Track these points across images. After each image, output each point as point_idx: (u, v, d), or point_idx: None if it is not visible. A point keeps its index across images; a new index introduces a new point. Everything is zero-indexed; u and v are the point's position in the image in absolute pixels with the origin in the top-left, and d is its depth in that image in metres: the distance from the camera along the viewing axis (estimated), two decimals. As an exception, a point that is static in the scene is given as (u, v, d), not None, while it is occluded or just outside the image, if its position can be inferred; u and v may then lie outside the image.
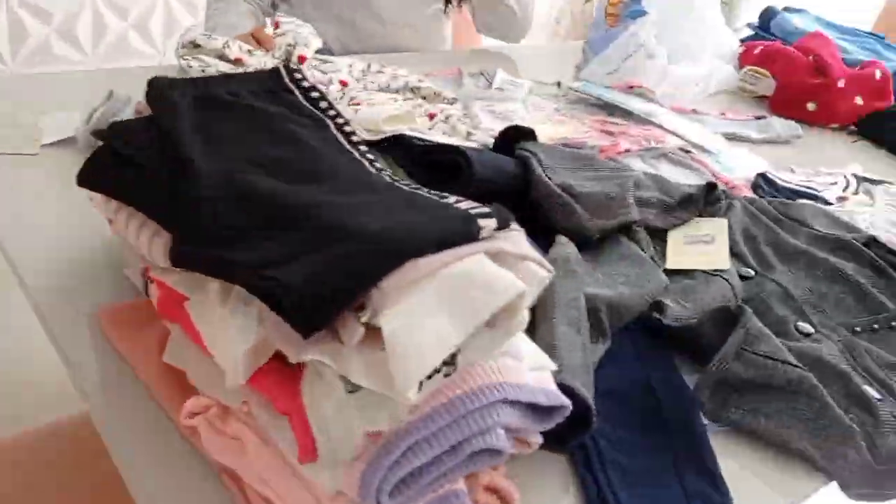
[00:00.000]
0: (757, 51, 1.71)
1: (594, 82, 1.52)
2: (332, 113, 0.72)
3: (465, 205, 0.57)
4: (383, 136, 1.00)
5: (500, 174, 0.98)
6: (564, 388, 0.66)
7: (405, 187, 0.63)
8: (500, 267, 0.54)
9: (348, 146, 0.69)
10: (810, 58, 1.62)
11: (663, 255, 1.01)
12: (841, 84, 1.58)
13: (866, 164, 1.51)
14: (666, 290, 0.91)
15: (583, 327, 0.76)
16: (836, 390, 0.82)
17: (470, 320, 0.50)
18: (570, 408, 0.63)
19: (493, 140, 1.09)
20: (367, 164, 0.67)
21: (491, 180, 0.96)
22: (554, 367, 0.66)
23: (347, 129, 0.70)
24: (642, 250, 0.97)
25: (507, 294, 0.51)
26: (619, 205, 0.97)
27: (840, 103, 1.59)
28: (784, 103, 1.62)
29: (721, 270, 0.97)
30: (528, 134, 1.08)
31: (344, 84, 1.24)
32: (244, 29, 1.41)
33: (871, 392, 0.83)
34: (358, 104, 1.06)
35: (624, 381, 0.77)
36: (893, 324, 0.93)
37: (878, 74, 1.62)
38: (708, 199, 1.08)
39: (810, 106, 1.60)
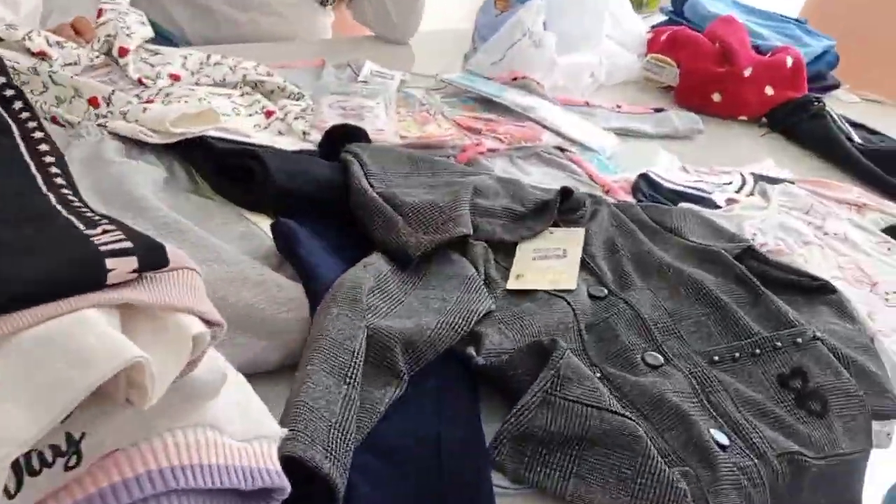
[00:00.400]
0: (663, 37, 1.58)
1: (478, 73, 1.39)
2: (24, 115, 0.58)
3: (107, 238, 0.44)
4: (179, 137, 0.86)
5: (308, 182, 0.85)
6: (294, 462, 0.53)
7: (63, 212, 0.49)
8: (130, 324, 0.41)
9: (28, 157, 0.55)
10: (716, 44, 1.49)
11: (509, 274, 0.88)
12: (748, 73, 1.46)
13: (778, 159, 1.39)
14: (490, 318, 0.78)
15: (353, 375, 0.62)
16: (674, 437, 0.70)
17: (51, 405, 0.37)
18: (288, 489, 0.50)
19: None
20: (40, 180, 0.53)
21: (297, 188, 0.83)
22: (281, 433, 0.53)
23: (37, 135, 0.57)
24: (477, 269, 0.84)
25: (107, 367, 0.37)
26: (449, 217, 0.84)
27: (748, 93, 1.47)
28: (688, 94, 1.50)
29: (566, 291, 0.84)
30: (357, 134, 0.94)
31: (175, 78, 1.10)
32: (83, 11, 1.26)
33: (719, 437, 0.70)
34: (151, 102, 0.92)
35: (408, 437, 0.64)
36: (757, 351, 0.80)
37: (789, 62, 1.50)
38: (565, 207, 0.95)
39: (715, 96, 1.47)
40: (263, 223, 0.80)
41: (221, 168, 0.85)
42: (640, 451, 0.64)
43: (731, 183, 1.20)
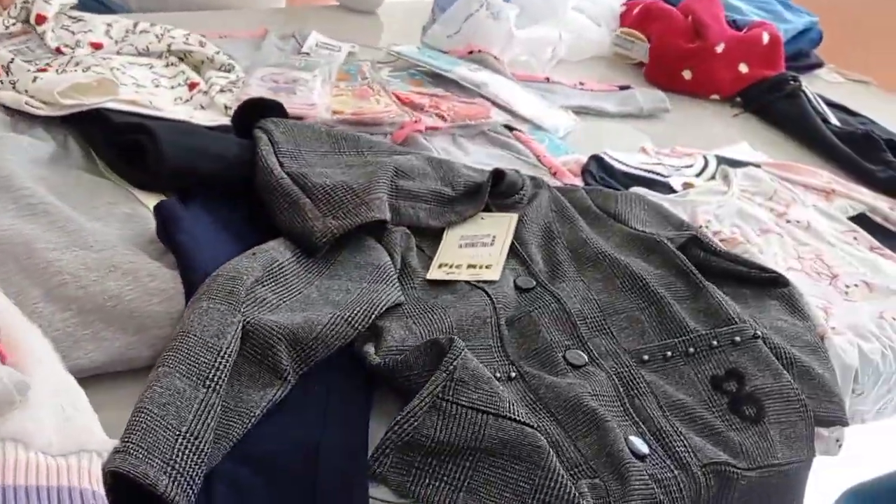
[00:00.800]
0: (636, 10, 1.50)
1: (434, 46, 1.31)
2: None
3: None
4: (71, 110, 0.80)
5: (212, 160, 0.78)
6: (123, 477, 0.46)
7: None
8: None
9: None
10: (689, 18, 1.41)
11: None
12: (720, 49, 1.38)
13: (752, 142, 1.32)
14: (397, 312, 0.71)
15: (215, 378, 0.56)
16: (588, 444, 0.64)
17: None
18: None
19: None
20: None
21: (194, 167, 0.76)
22: (110, 445, 0.47)
23: None
24: (393, 257, 0.77)
25: None
26: (362, 200, 0.77)
27: (720, 70, 1.39)
28: (658, 71, 1.42)
29: (488, 282, 0.78)
30: (273, 108, 0.87)
31: (97, 46, 1.04)
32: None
33: (637, 445, 0.64)
34: (44, 71, 0.85)
35: (284, 444, 0.58)
36: (692, 350, 0.74)
37: (765, 38, 1.42)
38: (500, 190, 0.88)
39: (686, 74, 1.40)
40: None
41: (117, 144, 0.78)
42: (541, 463, 0.58)
43: (691, 166, 1.13)
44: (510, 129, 1.10)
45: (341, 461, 0.56)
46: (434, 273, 0.79)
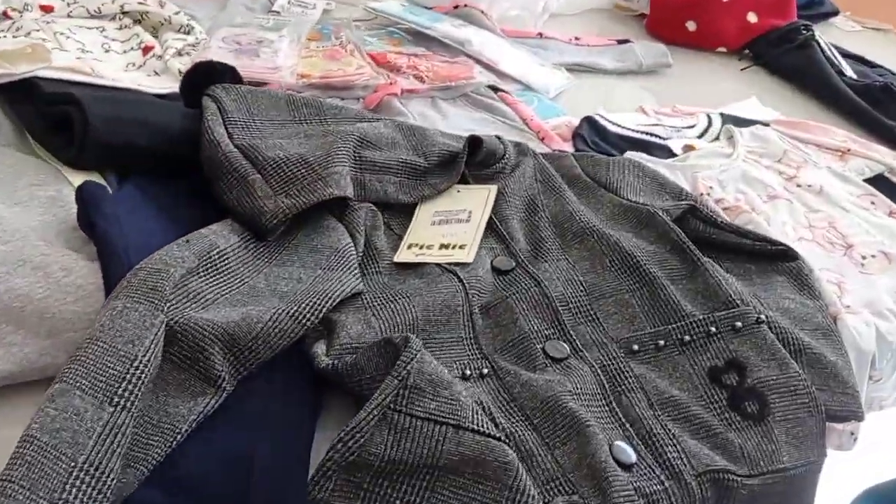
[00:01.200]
0: (638, -42, 1.40)
1: (416, 1, 1.22)
2: None
3: None
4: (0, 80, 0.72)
5: (151, 134, 0.70)
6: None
7: None
8: None
9: None
10: (693, -35, 1.31)
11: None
12: (726, -3, 1.28)
13: (762, 98, 1.23)
14: (356, 302, 0.64)
15: (127, 393, 0.48)
16: (566, 453, 0.56)
17: None
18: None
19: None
20: None
21: (128, 142, 0.68)
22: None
23: None
24: (355, 238, 0.69)
25: None
26: (318, 175, 0.69)
27: (726, 21, 1.29)
28: (660, 22, 1.33)
29: (461, 265, 0.70)
30: (224, 73, 0.79)
31: (47, 9, 0.95)
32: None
33: (623, 453, 0.57)
34: (-35, 38, 0.77)
35: (212, 462, 0.51)
36: (687, 338, 0.66)
37: (775, -16, 1.32)
38: (479, 159, 0.80)
39: (690, 25, 1.30)
40: (87, 185, 0.66)
41: (47, 117, 0.70)
42: (509, 482, 0.50)
43: (693, 126, 1.04)
44: (495, 90, 1.01)
45: (278, 482, 0.49)
46: (402, 255, 0.71)
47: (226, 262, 0.62)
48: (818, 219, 0.90)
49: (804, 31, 1.28)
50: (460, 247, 0.72)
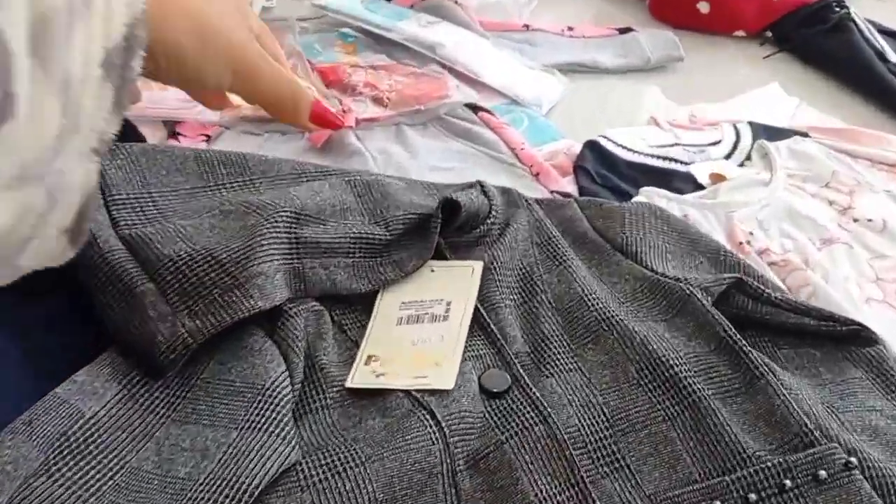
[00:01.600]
0: (636, -74, 1.19)
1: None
2: None
3: None
4: None
5: None
6: None
7: None
8: None
9: None
10: (703, -66, 1.11)
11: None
12: (744, -27, 1.08)
13: (785, 85, 1.04)
14: (290, 476, 0.45)
15: None
16: None
17: None
18: None
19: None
20: None
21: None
22: None
23: None
24: (291, 363, 0.50)
25: None
26: (236, 280, 0.50)
27: (744, 1, 1.09)
28: (667, 4, 1.12)
29: (438, 393, 0.51)
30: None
31: None
32: None
33: None
34: None
35: None
36: (753, 497, 0.48)
37: (800, -46, 1.11)
38: (458, 222, 0.61)
39: (702, 6, 1.10)
40: None
41: None
42: None
43: (718, 143, 0.85)
44: (475, 109, 0.82)
45: None
46: (359, 376, 0.53)
47: (95, 437, 0.43)
48: (886, 268, 0.71)
49: (837, 9, 1.08)
50: (436, 363, 0.53)
